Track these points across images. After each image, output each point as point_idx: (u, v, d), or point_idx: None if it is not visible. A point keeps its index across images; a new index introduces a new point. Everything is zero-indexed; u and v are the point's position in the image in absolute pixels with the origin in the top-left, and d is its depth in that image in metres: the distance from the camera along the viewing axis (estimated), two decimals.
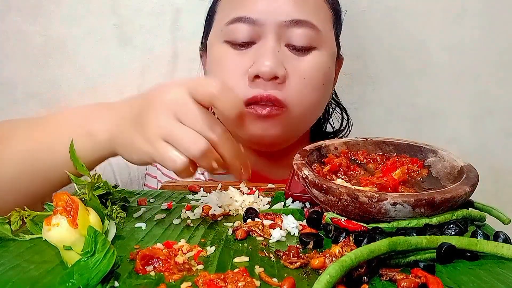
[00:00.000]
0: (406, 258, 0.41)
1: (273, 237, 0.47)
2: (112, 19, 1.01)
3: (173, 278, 0.38)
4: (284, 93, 0.69)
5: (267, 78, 0.67)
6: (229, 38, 0.71)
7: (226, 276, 0.38)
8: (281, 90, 0.69)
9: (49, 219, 0.41)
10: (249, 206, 0.55)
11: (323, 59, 0.72)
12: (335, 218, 0.47)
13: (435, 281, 0.37)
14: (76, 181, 0.50)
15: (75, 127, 0.57)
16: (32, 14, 1.01)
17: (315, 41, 0.71)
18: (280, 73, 0.68)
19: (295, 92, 0.70)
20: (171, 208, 0.56)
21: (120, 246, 0.45)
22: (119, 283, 0.38)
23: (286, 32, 0.69)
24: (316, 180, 0.48)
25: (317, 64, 0.71)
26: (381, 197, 0.44)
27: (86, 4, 1.00)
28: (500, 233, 0.45)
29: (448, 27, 0.99)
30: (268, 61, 0.67)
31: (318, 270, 0.40)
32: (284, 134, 0.72)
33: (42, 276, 0.39)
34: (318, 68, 0.72)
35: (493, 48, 1.00)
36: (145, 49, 1.02)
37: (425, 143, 0.59)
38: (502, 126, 1.03)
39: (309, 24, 0.70)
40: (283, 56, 0.69)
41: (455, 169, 0.53)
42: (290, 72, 0.69)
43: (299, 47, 0.70)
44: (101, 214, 0.46)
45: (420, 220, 0.45)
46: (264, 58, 0.67)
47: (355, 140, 0.61)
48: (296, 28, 0.69)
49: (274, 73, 0.67)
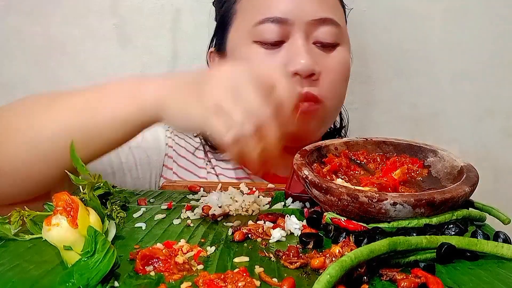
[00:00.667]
0: (406, 258, 0.41)
1: (273, 237, 0.47)
2: (112, 19, 1.01)
3: (173, 278, 0.38)
4: (319, 89, 0.72)
5: (305, 75, 0.70)
6: (259, 38, 0.73)
7: (226, 276, 0.38)
8: (316, 86, 0.72)
9: (49, 219, 0.41)
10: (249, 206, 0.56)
11: (346, 54, 0.77)
12: (335, 218, 0.47)
13: (435, 281, 0.37)
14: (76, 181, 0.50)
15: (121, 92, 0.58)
16: (32, 14, 1.01)
17: (339, 38, 0.75)
18: (316, 70, 0.71)
19: (328, 87, 0.73)
20: (171, 208, 0.56)
21: (120, 246, 0.45)
22: (119, 283, 0.38)
23: (313, 30, 0.73)
24: (316, 180, 0.48)
25: (342, 59, 0.76)
26: (381, 197, 0.44)
27: (86, 4, 1.01)
28: (500, 233, 0.45)
29: (448, 27, 0.99)
30: (303, 59, 0.70)
31: (318, 270, 0.40)
32: (320, 128, 0.77)
33: (42, 276, 0.39)
34: (344, 62, 0.76)
35: (493, 48, 1.00)
36: (145, 49, 1.02)
37: (425, 143, 0.59)
38: (502, 126, 1.03)
39: (333, 22, 0.73)
40: (313, 53, 0.73)
41: (455, 169, 0.53)
42: (321, 68, 0.73)
43: (326, 44, 0.74)
44: (101, 214, 0.46)
45: (420, 220, 0.45)
46: (299, 56, 0.70)
47: (355, 140, 0.61)
48: (322, 26, 0.73)
49: (311, 70, 0.70)
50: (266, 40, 0.72)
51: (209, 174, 0.82)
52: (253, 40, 0.73)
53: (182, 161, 0.82)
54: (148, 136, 0.80)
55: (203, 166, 0.83)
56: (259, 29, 0.72)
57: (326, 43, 0.73)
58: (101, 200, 0.50)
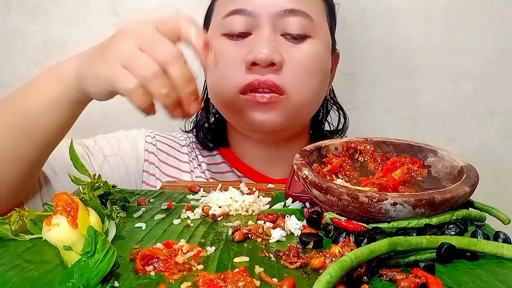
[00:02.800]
0: (406, 258, 0.41)
1: (273, 237, 0.47)
2: (112, 19, 1.01)
3: (173, 278, 0.38)
4: (282, 79, 0.70)
5: (264, 64, 0.69)
6: (226, 30, 0.73)
7: (226, 276, 0.38)
8: (278, 75, 0.70)
9: (49, 219, 0.41)
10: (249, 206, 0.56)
11: (318, 47, 0.74)
12: (335, 218, 0.47)
13: (435, 281, 0.37)
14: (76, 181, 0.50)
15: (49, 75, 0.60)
16: (32, 14, 1.01)
17: (309, 30, 0.73)
18: (277, 59, 0.69)
19: (293, 78, 0.71)
20: (171, 208, 0.56)
21: (120, 246, 0.45)
22: (119, 283, 0.38)
23: (280, 22, 0.71)
24: (316, 180, 0.48)
25: (312, 51, 0.73)
26: (381, 197, 0.44)
27: (86, 4, 1.01)
28: (500, 233, 0.45)
29: (448, 27, 0.99)
30: (264, 48, 0.69)
31: (318, 270, 0.40)
32: (284, 121, 0.73)
33: (42, 276, 0.39)
34: (314, 55, 0.73)
35: (493, 48, 1.00)
36: None
37: (425, 143, 0.59)
38: (502, 126, 1.03)
39: (302, 13, 0.72)
40: (279, 44, 0.71)
41: (455, 169, 0.53)
42: (287, 59, 0.71)
43: (294, 35, 0.72)
44: (101, 214, 0.47)
45: (420, 220, 0.45)
46: (260, 45, 0.69)
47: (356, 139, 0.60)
48: (290, 17, 0.71)
49: (270, 59, 0.69)
50: (232, 31, 0.72)
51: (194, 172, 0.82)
52: (222, 33, 0.73)
53: (164, 168, 0.82)
54: (125, 144, 0.81)
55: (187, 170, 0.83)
56: (226, 21, 0.72)
57: (296, 34, 0.72)
58: (101, 200, 0.50)
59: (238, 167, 0.83)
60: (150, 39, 0.52)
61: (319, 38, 0.74)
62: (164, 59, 0.51)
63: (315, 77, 0.74)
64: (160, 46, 0.52)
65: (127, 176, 0.79)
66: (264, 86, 0.70)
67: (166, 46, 0.52)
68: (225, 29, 0.73)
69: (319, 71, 0.74)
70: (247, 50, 0.70)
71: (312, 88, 0.74)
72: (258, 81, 0.70)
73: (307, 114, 0.79)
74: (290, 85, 0.71)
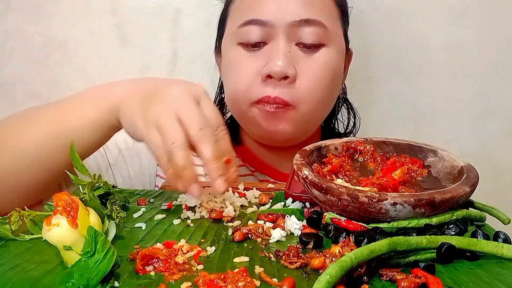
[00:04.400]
0: (406, 258, 0.41)
1: (273, 237, 0.47)
2: (112, 19, 1.01)
3: (173, 278, 0.38)
4: (293, 92, 0.72)
5: (278, 78, 0.70)
6: (242, 40, 0.74)
7: (226, 276, 0.38)
8: (290, 89, 0.72)
9: (49, 219, 0.41)
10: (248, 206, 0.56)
11: (332, 55, 0.75)
12: (335, 218, 0.47)
13: (435, 281, 0.37)
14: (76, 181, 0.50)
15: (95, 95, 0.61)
16: (32, 14, 1.01)
17: (324, 38, 0.73)
18: (290, 73, 0.70)
19: (304, 91, 0.72)
20: (171, 208, 0.56)
21: (120, 246, 0.45)
22: (119, 283, 0.38)
23: (296, 31, 0.72)
24: (316, 180, 0.48)
25: (326, 60, 0.74)
26: (381, 197, 0.44)
27: (86, 4, 1.01)
28: (500, 233, 0.45)
29: (448, 27, 0.99)
30: (280, 61, 0.70)
31: (318, 270, 0.40)
32: (295, 131, 0.75)
33: (42, 276, 0.39)
34: (327, 64, 0.74)
35: (493, 48, 1.00)
36: (145, 49, 1.02)
37: (425, 143, 0.59)
38: (502, 126, 1.03)
39: (317, 23, 0.73)
40: (294, 55, 0.72)
41: (455, 169, 0.53)
42: (300, 71, 0.72)
43: (308, 44, 0.73)
44: (101, 214, 0.46)
45: (420, 220, 0.45)
46: (276, 58, 0.70)
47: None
48: (305, 27, 0.72)
49: (284, 73, 0.70)
50: (247, 41, 0.73)
51: None
52: (237, 42, 0.74)
53: None
54: None
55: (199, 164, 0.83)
56: (242, 31, 0.73)
57: (309, 44, 0.73)
58: (101, 200, 0.50)
59: (251, 163, 0.84)
60: (187, 110, 0.52)
61: (333, 46, 0.75)
62: (193, 131, 0.51)
63: (327, 88, 0.75)
64: (196, 118, 0.52)
65: (140, 170, 0.81)
66: (273, 103, 0.71)
67: (202, 119, 0.52)
68: (241, 38, 0.74)
69: (331, 80, 0.75)
70: (263, 61, 0.72)
71: (322, 99, 0.75)
72: (267, 98, 0.71)
73: (317, 122, 0.81)
74: (301, 97, 0.72)
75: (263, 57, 0.72)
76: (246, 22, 0.73)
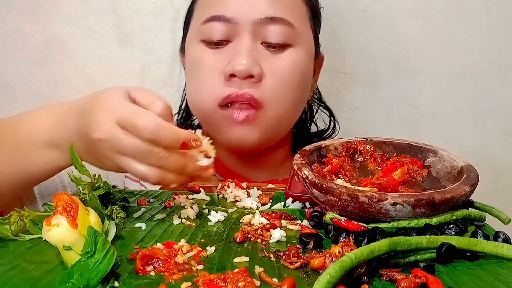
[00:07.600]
0: (406, 258, 0.41)
1: (273, 237, 0.47)
2: (112, 19, 1.01)
3: (173, 278, 0.38)
4: (260, 91, 0.68)
5: (243, 77, 0.67)
6: (205, 37, 0.71)
7: (226, 276, 0.38)
8: (257, 88, 0.68)
9: (49, 219, 0.41)
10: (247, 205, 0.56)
11: (299, 56, 0.72)
12: (335, 218, 0.47)
13: (435, 281, 0.37)
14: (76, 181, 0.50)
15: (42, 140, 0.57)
16: (32, 14, 1.01)
17: (291, 38, 0.70)
18: (255, 72, 0.67)
19: (272, 91, 0.69)
20: (171, 208, 0.56)
21: (120, 246, 0.45)
22: (119, 283, 0.38)
23: (261, 30, 0.69)
24: (316, 180, 0.48)
25: (293, 61, 0.71)
26: (381, 197, 0.44)
27: (86, 4, 1.01)
28: (500, 233, 0.45)
29: (448, 27, 0.99)
30: (244, 59, 0.67)
31: (318, 270, 0.40)
32: (262, 138, 0.71)
33: (42, 276, 0.39)
34: (294, 65, 0.71)
35: (493, 48, 1.00)
36: (145, 49, 1.02)
37: (425, 143, 0.59)
38: (502, 126, 1.03)
39: (284, 21, 0.69)
40: (259, 54, 0.69)
41: (455, 169, 0.53)
42: (266, 71, 0.69)
43: (274, 44, 0.70)
44: (101, 214, 0.46)
45: (420, 220, 0.45)
46: (239, 57, 0.67)
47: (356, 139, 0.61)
48: (271, 25, 0.69)
49: (249, 71, 0.67)
50: (210, 39, 0.70)
51: None
52: (200, 39, 0.71)
53: None
54: None
55: None
56: (205, 27, 0.70)
57: (275, 43, 0.69)
58: (101, 200, 0.50)
59: (220, 171, 0.79)
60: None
61: (301, 46, 0.72)
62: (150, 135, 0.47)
63: (295, 89, 0.72)
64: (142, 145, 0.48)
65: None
66: (242, 99, 0.68)
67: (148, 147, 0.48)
68: (204, 35, 0.71)
69: (299, 81, 0.72)
70: (226, 60, 0.69)
71: (290, 101, 0.72)
72: (236, 94, 0.68)
73: (285, 126, 0.77)
74: (269, 98, 0.69)
75: (226, 55, 0.69)
76: (209, 18, 0.70)
